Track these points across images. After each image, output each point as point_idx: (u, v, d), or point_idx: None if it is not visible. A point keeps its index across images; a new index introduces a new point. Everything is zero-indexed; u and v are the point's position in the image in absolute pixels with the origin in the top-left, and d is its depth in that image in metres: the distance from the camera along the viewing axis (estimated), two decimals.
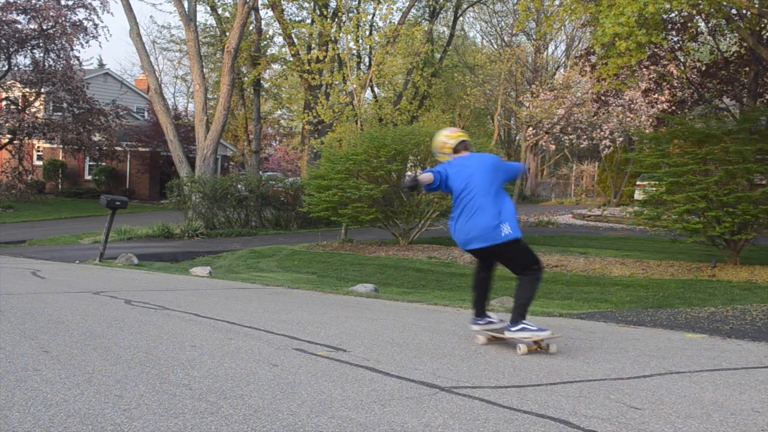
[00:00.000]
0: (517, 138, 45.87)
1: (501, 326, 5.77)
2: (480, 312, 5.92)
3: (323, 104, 21.37)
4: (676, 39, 16.56)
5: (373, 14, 27.09)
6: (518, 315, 5.50)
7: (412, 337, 6.12)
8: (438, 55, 36.71)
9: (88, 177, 39.10)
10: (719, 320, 7.36)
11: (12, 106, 32.07)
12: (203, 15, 79.99)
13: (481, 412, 3.81)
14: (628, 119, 29.86)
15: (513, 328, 5.50)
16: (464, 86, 31.24)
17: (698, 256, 14.20)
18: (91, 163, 37.75)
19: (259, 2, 28.53)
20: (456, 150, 5.92)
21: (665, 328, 6.94)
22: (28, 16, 29.80)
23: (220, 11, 31.63)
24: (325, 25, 24.47)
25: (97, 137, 32.96)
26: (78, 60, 31.84)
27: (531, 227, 22.55)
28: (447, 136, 5.99)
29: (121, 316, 7.02)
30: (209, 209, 23.00)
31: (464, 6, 36.40)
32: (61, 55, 30.76)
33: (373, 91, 33.27)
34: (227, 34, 28.68)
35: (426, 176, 5.69)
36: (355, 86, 21.19)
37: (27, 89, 32.04)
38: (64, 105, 32.21)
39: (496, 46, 45.57)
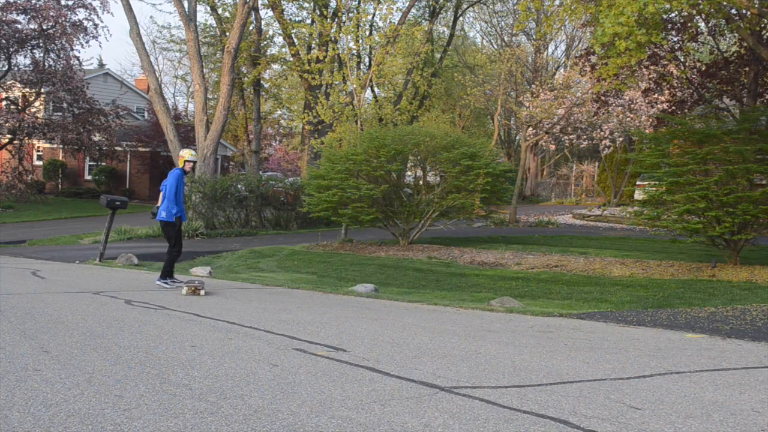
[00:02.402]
0: (517, 138, 45.86)
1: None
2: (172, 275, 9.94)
3: (323, 104, 21.34)
4: (676, 39, 16.55)
5: (373, 14, 27.07)
6: (166, 274, 9.83)
7: (412, 337, 6.12)
8: (438, 55, 36.68)
9: (88, 177, 39.09)
10: (719, 320, 7.36)
11: (12, 106, 32.05)
12: (203, 15, 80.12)
13: (481, 412, 3.81)
14: (628, 119, 29.81)
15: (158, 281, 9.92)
16: (464, 86, 31.18)
17: (698, 256, 14.20)
18: (91, 163, 37.73)
19: (259, 2, 28.50)
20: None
21: (665, 328, 6.94)
22: (28, 16, 29.78)
23: (220, 11, 31.59)
24: (325, 25, 24.46)
25: (97, 137, 32.93)
26: (78, 60, 31.82)
27: (531, 227, 22.55)
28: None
29: (121, 316, 7.02)
30: (209, 209, 23.00)
31: (464, 6, 36.37)
32: (61, 55, 30.73)
33: (373, 91, 33.25)
34: (227, 34, 28.64)
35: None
36: (355, 86, 21.17)
37: (27, 89, 32.01)
38: (64, 105, 32.18)
39: (496, 46, 45.56)
